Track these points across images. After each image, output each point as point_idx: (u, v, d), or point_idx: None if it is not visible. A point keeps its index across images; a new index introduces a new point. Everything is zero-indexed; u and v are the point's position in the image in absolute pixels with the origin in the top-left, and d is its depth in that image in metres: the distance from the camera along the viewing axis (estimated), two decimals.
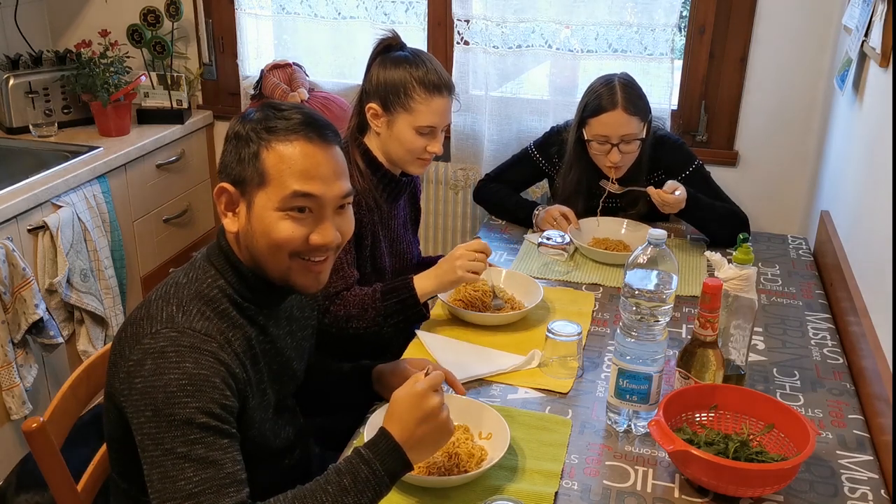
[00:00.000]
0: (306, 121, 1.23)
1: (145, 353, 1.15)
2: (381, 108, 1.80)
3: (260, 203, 1.22)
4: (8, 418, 2.28)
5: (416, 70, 1.78)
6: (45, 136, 2.80)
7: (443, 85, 1.80)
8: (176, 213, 3.02)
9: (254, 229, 1.23)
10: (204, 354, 1.15)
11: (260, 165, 1.21)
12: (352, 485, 1.12)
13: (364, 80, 1.87)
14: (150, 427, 1.11)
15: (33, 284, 2.26)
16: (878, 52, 1.82)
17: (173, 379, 1.12)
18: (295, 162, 1.21)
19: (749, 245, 1.54)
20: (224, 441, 1.13)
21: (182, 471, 1.09)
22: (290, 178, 1.21)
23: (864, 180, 1.90)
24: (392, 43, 1.85)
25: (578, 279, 2.07)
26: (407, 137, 1.80)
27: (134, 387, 1.14)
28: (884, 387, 1.43)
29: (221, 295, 1.24)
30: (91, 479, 1.44)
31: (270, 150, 1.21)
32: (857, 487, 1.34)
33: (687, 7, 2.66)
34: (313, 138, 1.23)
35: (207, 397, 1.13)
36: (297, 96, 2.77)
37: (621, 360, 1.43)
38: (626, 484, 1.34)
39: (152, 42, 2.95)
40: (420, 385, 1.19)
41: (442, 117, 1.81)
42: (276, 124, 1.22)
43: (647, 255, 1.41)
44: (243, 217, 1.24)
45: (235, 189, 1.23)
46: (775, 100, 2.68)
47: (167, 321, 1.18)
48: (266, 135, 1.21)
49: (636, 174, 2.23)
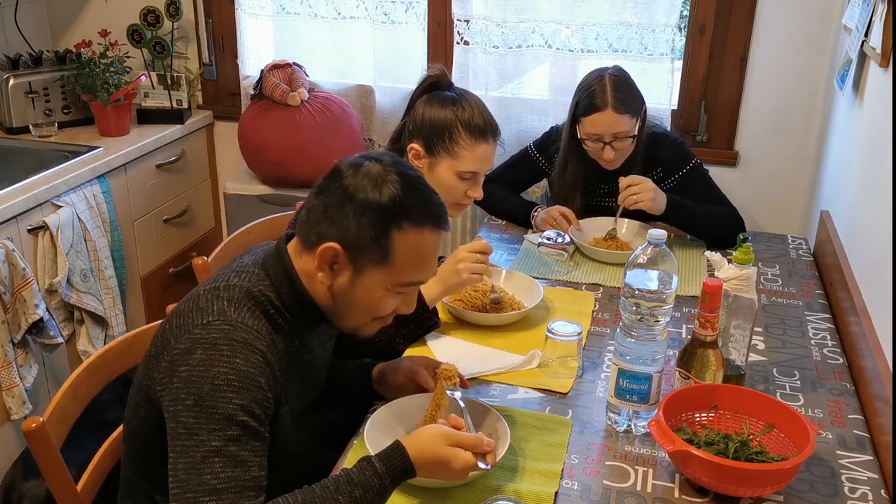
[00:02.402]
0: (438, 203, 1.25)
1: (195, 343, 1.15)
2: (424, 149, 1.77)
3: (373, 278, 1.22)
4: (8, 418, 2.28)
5: (462, 113, 1.75)
6: (45, 136, 2.80)
7: (489, 130, 1.78)
8: (176, 213, 3.02)
9: (355, 296, 1.24)
10: (254, 352, 1.16)
11: (387, 245, 1.20)
12: (362, 496, 1.14)
13: (406, 114, 1.83)
14: (188, 415, 1.11)
15: (33, 284, 2.26)
16: (878, 52, 1.82)
17: (222, 372, 1.12)
18: (421, 253, 1.23)
19: (749, 245, 1.54)
20: (256, 444, 1.14)
21: (210, 465, 1.09)
22: (412, 268, 1.23)
23: (864, 180, 1.90)
24: (440, 80, 1.82)
25: (578, 279, 2.07)
26: (448, 181, 1.78)
27: (177, 374, 1.14)
28: (884, 387, 1.43)
29: (270, 304, 1.24)
30: (91, 479, 1.44)
31: (403, 234, 1.20)
32: (857, 487, 1.34)
33: (687, 7, 2.66)
34: (439, 225, 1.25)
35: (251, 396, 1.13)
36: (297, 96, 2.77)
37: (621, 360, 1.43)
38: (626, 484, 1.34)
39: (152, 42, 2.95)
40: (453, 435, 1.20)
41: (485, 163, 1.80)
42: (413, 205, 1.21)
43: (647, 255, 1.41)
44: (345, 280, 1.23)
45: (345, 253, 1.21)
46: (775, 100, 2.68)
47: (219, 314, 1.18)
48: (402, 218, 1.20)
49: (630, 168, 2.24)
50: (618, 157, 2.18)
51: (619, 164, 2.22)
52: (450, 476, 1.21)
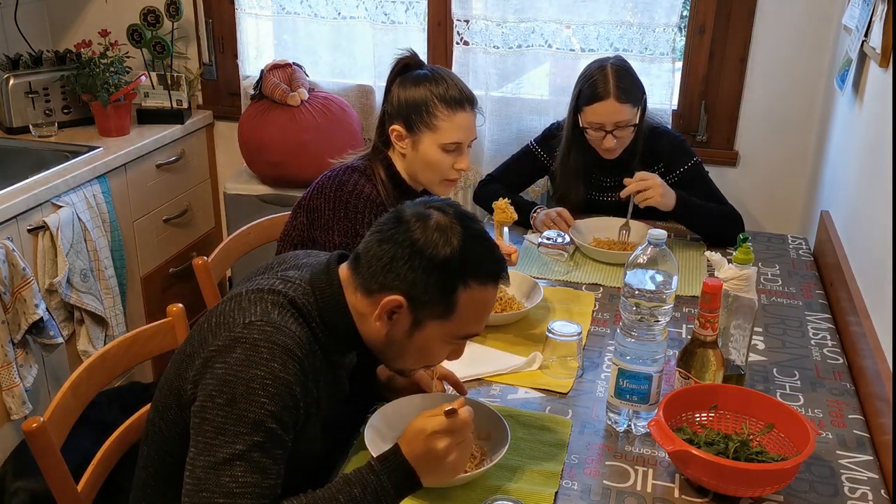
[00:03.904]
0: (500, 259, 1.25)
1: (235, 341, 1.14)
2: (405, 128, 1.79)
3: (432, 331, 1.23)
4: (8, 418, 2.28)
5: (436, 87, 1.77)
6: (45, 136, 2.80)
7: (465, 99, 1.79)
8: (176, 213, 3.02)
9: (411, 346, 1.25)
10: (294, 359, 1.14)
11: (452, 301, 1.20)
12: (361, 495, 1.13)
13: (384, 101, 1.85)
14: (217, 413, 1.10)
15: (33, 284, 2.25)
16: (878, 52, 1.82)
17: (258, 375, 1.11)
18: (482, 308, 1.25)
19: (749, 245, 1.54)
20: (279, 452, 1.13)
21: (232, 468, 1.08)
22: (472, 322, 1.24)
23: (863, 180, 1.90)
24: (410, 62, 1.83)
25: (578, 279, 2.07)
26: (433, 156, 1.79)
27: (213, 370, 1.13)
28: (884, 387, 1.43)
29: (311, 316, 1.23)
30: (91, 479, 1.44)
31: (468, 291, 1.20)
32: (857, 487, 1.34)
33: (687, 7, 2.67)
34: (500, 280, 1.25)
35: (283, 403, 1.12)
36: (297, 96, 2.77)
37: (621, 360, 1.43)
38: (626, 484, 1.34)
39: (152, 42, 2.95)
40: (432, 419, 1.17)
41: (467, 132, 1.80)
42: (479, 262, 1.21)
43: (647, 255, 1.41)
44: (403, 330, 1.23)
45: (409, 306, 1.20)
46: (775, 100, 2.68)
47: (262, 315, 1.17)
48: (469, 276, 1.20)
49: (630, 159, 2.25)
50: (619, 146, 2.22)
51: (619, 152, 2.24)
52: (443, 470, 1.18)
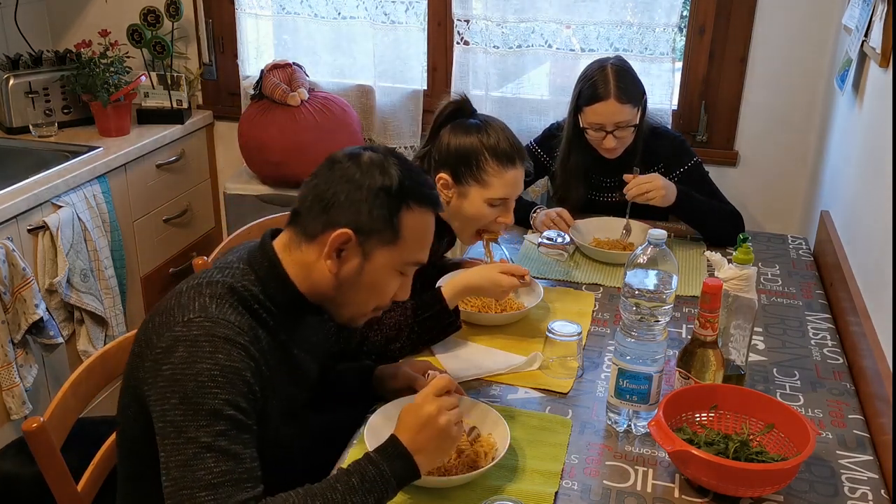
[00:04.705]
0: (433, 185, 1.33)
1: (176, 341, 1.15)
2: (452, 178, 1.76)
3: (382, 259, 1.27)
4: (8, 418, 2.28)
5: (488, 139, 1.74)
6: (45, 136, 2.80)
7: (515, 154, 1.76)
8: (176, 213, 3.02)
9: (363, 280, 1.27)
10: (236, 347, 1.16)
11: (397, 224, 1.25)
12: (359, 484, 1.15)
13: (430, 141, 1.81)
14: (176, 414, 1.11)
15: (33, 284, 2.26)
16: (878, 52, 1.82)
17: (205, 369, 1.12)
18: (424, 232, 1.30)
19: (749, 245, 1.54)
20: (246, 436, 1.14)
21: (203, 461, 1.09)
22: (417, 246, 1.29)
23: (863, 180, 1.90)
24: (461, 107, 1.80)
25: (578, 279, 2.07)
26: (479, 210, 1.77)
27: (161, 373, 1.14)
28: (884, 387, 1.43)
29: (254, 299, 1.24)
30: (91, 479, 1.44)
31: (410, 213, 1.26)
32: (857, 487, 1.34)
33: (687, 7, 2.67)
34: (436, 206, 1.31)
35: (236, 390, 1.14)
36: (297, 96, 2.77)
37: (621, 360, 1.43)
38: (626, 484, 1.34)
39: (152, 42, 2.95)
40: (418, 395, 1.23)
41: (515, 188, 1.78)
42: (416, 187, 1.27)
43: (647, 255, 1.41)
44: (353, 265, 1.26)
45: (357, 238, 1.24)
46: (775, 100, 2.68)
47: (200, 310, 1.18)
48: (409, 197, 1.26)
49: (631, 159, 2.26)
50: (619, 146, 2.22)
51: (620, 152, 2.25)
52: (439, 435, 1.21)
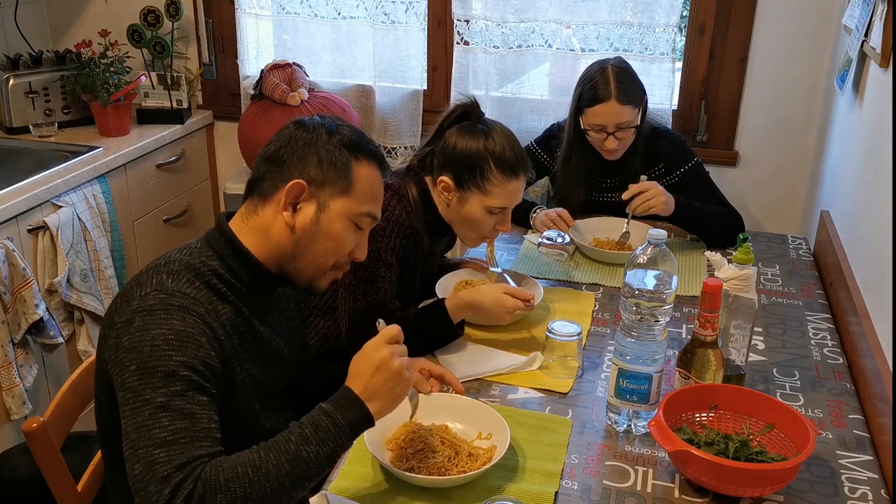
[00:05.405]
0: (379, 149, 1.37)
1: (133, 313, 1.18)
2: (454, 182, 1.75)
3: (336, 208, 1.29)
4: (8, 418, 2.28)
5: (493, 147, 1.73)
6: (45, 136, 2.80)
7: (519, 165, 1.75)
8: (176, 213, 3.02)
9: (318, 232, 1.29)
10: (192, 314, 1.19)
11: (349, 174, 1.29)
12: (313, 434, 1.14)
13: (434, 141, 1.81)
14: (133, 380, 1.13)
15: (33, 284, 2.26)
16: (878, 52, 1.82)
17: (160, 333, 1.15)
18: (374, 185, 1.34)
19: (749, 245, 1.54)
20: (203, 398, 1.15)
21: (158, 420, 1.10)
22: (369, 199, 1.32)
23: (863, 180, 1.90)
24: (469, 110, 1.79)
25: (578, 279, 2.07)
26: (477, 216, 1.77)
27: (121, 345, 1.16)
28: (884, 387, 1.43)
29: (213, 274, 1.27)
30: (91, 479, 1.44)
31: (361, 164, 1.31)
32: (857, 487, 1.34)
33: (687, 7, 2.67)
34: (384, 165, 1.36)
35: (192, 353, 1.15)
36: (297, 96, 2.77)
37: (621, 360, 1.43)
38: (626, 484, 1.34)
39: (152, 42, 2.95)
40: (369, 343, 1.23)
41: (515, 199, 1.78)
42: (364, 143, 1.33)
43: (647, 255, 1.41)
44: (308, 216, 1.28)
45: (310, 188, 1.28)
46: (775, 100, 2.68)
47: (157, 286, 1.21)
48: (359, 150, 1.31)
49: (631, 159, 2.26)
50: (620, 147, 2.22)
51: (621, 154, 2.25)
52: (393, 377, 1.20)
